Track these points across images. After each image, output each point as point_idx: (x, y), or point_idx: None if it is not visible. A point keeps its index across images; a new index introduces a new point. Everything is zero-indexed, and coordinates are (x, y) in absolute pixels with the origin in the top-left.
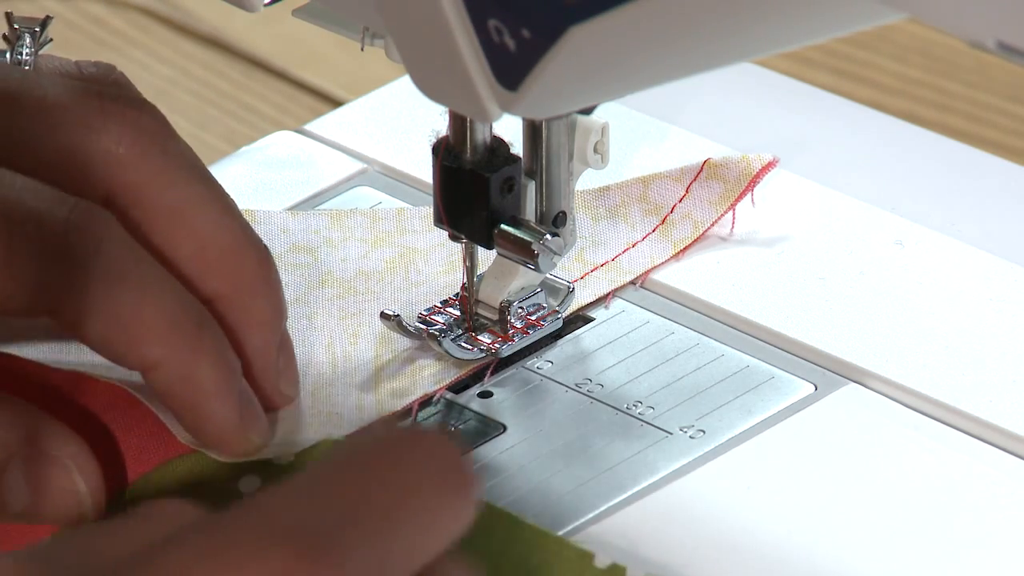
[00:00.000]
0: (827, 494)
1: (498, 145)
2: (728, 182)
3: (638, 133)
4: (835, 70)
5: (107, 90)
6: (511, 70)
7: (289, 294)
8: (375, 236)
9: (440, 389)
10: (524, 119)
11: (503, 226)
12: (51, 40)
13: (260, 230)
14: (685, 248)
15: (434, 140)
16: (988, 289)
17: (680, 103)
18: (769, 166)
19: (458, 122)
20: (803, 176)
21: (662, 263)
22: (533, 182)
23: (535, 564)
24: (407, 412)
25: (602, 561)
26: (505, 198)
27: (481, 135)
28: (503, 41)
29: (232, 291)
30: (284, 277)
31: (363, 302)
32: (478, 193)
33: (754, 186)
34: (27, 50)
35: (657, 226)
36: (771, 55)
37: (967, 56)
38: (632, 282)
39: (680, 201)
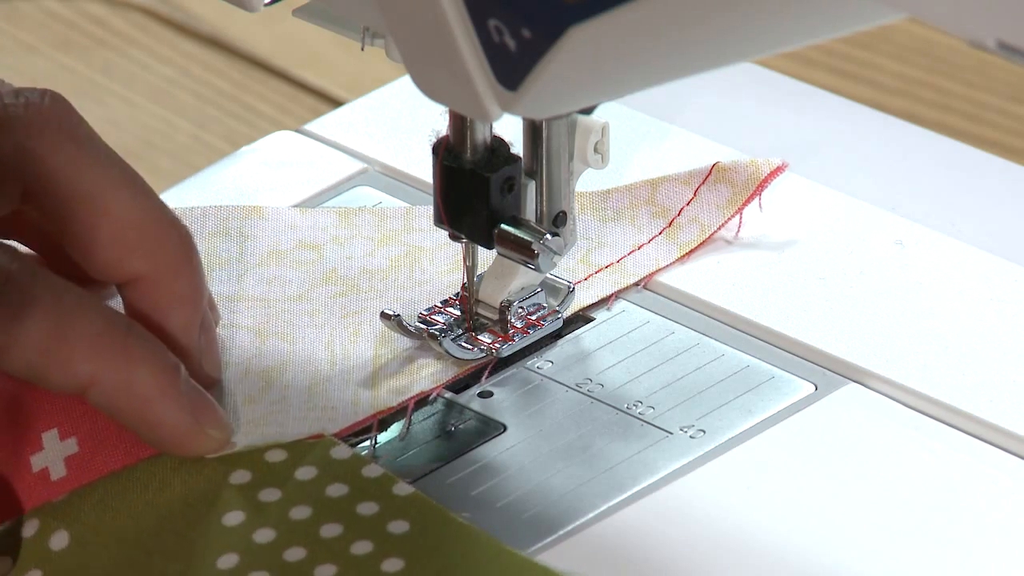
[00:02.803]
0: (827, 494)
1: (498, 145)
2: (736, 186)
3: (638, 133)
4: (835, 70)
5: (10, 94)
6: (511, 70)
7: (292, 290)
8: (382, 234)
9: (438, 388)
10: (524, 119)
11: (503, 226)
12: None
13: (268, 226)
14: (691, 251)
15: (434, 140)
16: (988, 289)
17: (680, 103)
18: (778, 170)
19: (458, 122)
20: (803, 176)
21: (667, 266)
22: (533, 182)
23: None
24: (403, 409)
25: None
26: (505, 198)
27: (481, 135)
28: (503, 41)
29: (153, 270)
30: (288, 273)
31: (365, 300)
32: (478, 193)
33: (762, 190)
34: None
35: (664, 229)
36: (771, 55)
37: (967, 56)
38: (635, 283)
39: (688, 204)
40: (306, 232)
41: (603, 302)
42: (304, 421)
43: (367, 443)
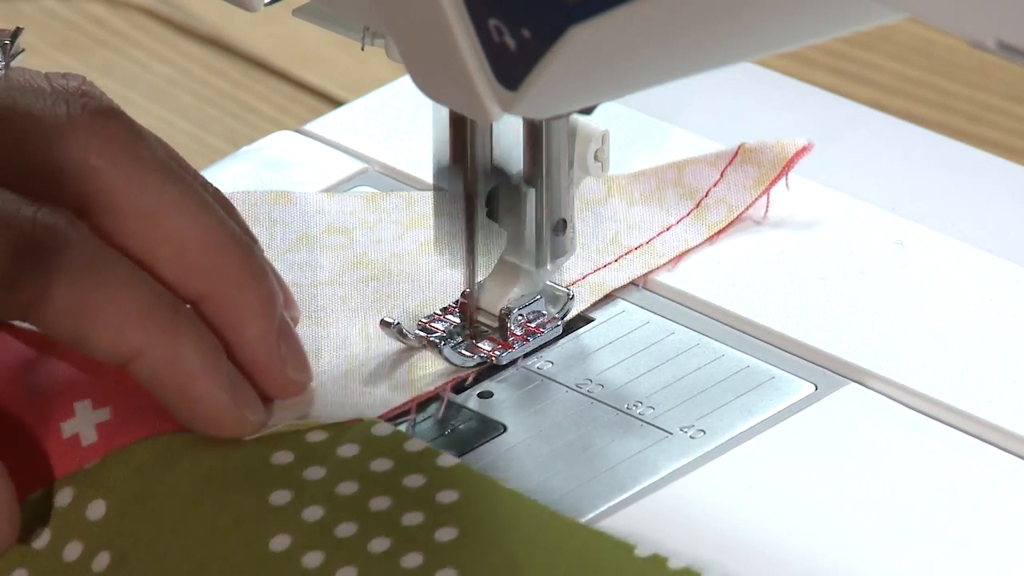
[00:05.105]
0: (827, 494)
1: (496, 168)
2: (763, 166)
3: (638, 133)
4: (835, 70)
5: (75, 100)
6: (511, 70)
7: (323, 275)
8: (410, 218)
9: (471, 373)
10: (525, 125)
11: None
12: (23, 50)
13: (296, 211)
14: (720, 231)
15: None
16: (988, 289)
17: (680, 103)
18: (804, 150)
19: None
20: (803, 176)
21: (696, 246)
22: (533, 190)
23: (571, 555)
24: (437, 396)
25: (643, 552)
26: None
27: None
28: (503, 41)
29: (217, 288)
30: (319, 258)
31: (397, 283)
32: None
33: (789, 170)
34: None
35: (692, 210)
36: (771, 55)
37: (967, 56)
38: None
39: (715, 185)
40: (335, 217)
41: (633, 284)
42: (343, 406)
43: (403, 427)
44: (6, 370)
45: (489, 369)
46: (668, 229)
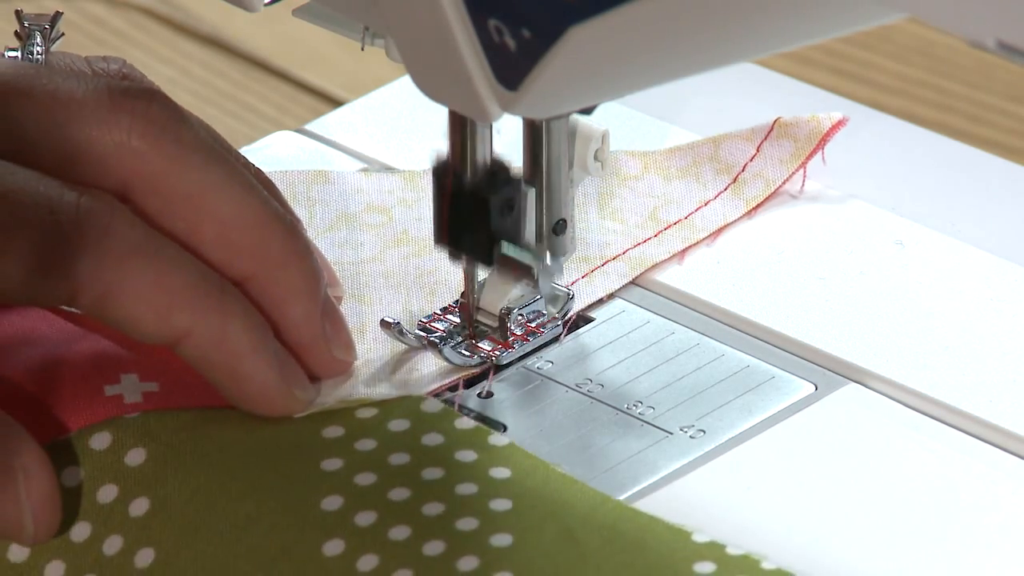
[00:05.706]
0: (827, 494)
1: (498, 169)
2: (799, 140)
3: (638, 133)
4: (835, 70)
5: (116, 83)
6: (511, 70)
7: (364, 253)
8: None
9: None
10: (525, 125)
11: (504, 251)
12: (62, 35)
13: (336, 190)
14: (758, 206)
15: (435, 161)
16: (988, 289)
17: (680, 103)
18: (839, 124)
19: (457, 142)
20: (802, 176)
21: (735, 220)
22: (533, 190)
23: (628, 536)
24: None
25: (700, 537)
26: (505, 219)
27: (481, 155)
28: (503, 41)
29: (262, 268)
30: (360, 236)
31: (439, 259)
32: (478, 214)
33: (824, 144)
34: (38, 48)
35: (729, 184)
36: (771, 55)
37: (967, 56)
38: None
39: (751, 160)
40: (373, 195)
41: (672, 259)
42: (388, 384)
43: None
44: (48, 343)
45: (489, 368)
46: (706, 204)
